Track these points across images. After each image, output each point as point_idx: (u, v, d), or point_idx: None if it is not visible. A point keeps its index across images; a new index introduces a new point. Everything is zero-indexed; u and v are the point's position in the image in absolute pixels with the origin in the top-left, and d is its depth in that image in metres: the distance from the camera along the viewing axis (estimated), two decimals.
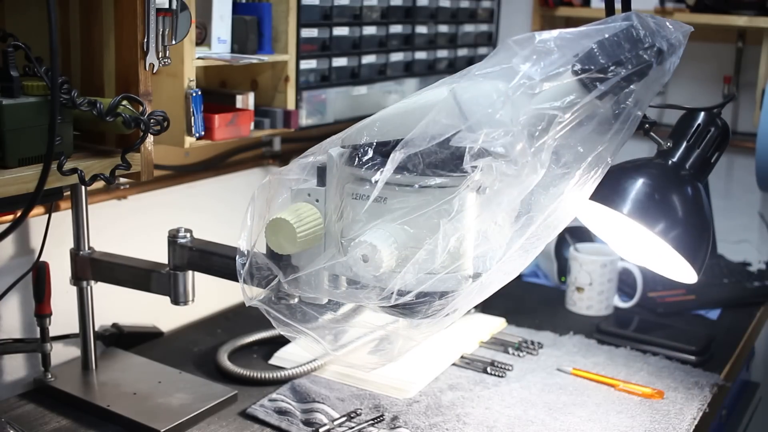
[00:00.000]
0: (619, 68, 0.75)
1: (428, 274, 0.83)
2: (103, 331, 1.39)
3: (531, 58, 0.78)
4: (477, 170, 0.79)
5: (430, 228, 0.82)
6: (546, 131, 0.77)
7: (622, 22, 0.77)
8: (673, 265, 1.02)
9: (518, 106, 0.78)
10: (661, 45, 0.75)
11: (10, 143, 0.88)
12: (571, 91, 0.77)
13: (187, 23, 1.03)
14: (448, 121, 0.78)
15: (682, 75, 1.96)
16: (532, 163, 0.78)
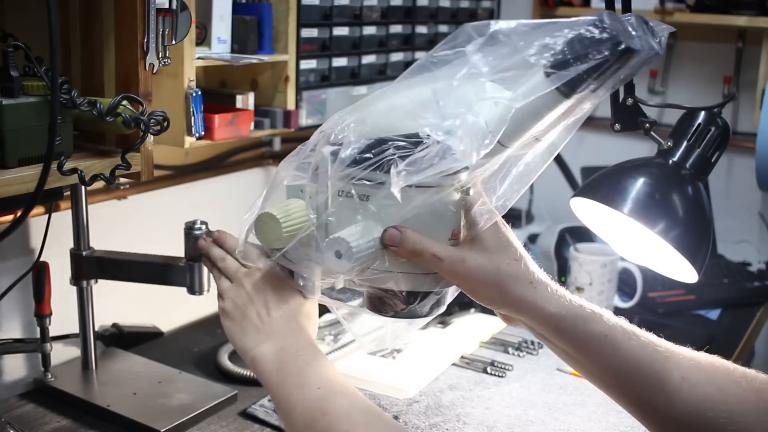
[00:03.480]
0: (581, 63, 0.75)
1: (410, 274, 0.84)
2: (103, 331, 1.39)
3: (484, 48, 0.78)
4: (462, 172, 0.80)
5: (412, 227, 0.83)
6: (503, 123, 0.78)
7: (588, 17, 0.77)
8: (674, 264, 1.02)
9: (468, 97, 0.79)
10: (630, 44, 0.75)
11: (10, 143, 0.88)
12: (532, 84, 0.77)
13: (187, 23, 1.03)
14: (430, 122, 0.79)
15: (682, 75, 1.96)
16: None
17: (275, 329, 0.93)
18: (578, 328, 0.84)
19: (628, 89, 1.04)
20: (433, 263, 0.82)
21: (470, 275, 0.82)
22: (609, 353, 0.85)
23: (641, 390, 0.85)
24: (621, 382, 0.86)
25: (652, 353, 0.85)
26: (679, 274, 1.04)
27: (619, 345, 0.84)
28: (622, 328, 0.86)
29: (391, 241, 0.81)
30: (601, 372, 0.87)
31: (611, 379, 0.87)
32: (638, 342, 0.85)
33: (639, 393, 0.86)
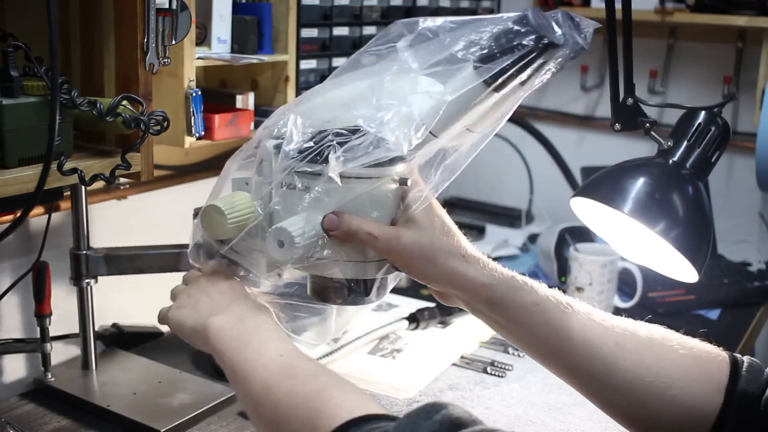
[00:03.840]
0: (506, 57, 0.79)
1: (353, 261, 0.88)
2: (103, 331, 1.39)
3: (414, 44, 0.83)
4: (399, 163, 0.85)
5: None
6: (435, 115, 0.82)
7: (513, 14, 0.81)
8: (674, 264, 1.02)
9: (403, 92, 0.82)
10: (553, 38, 0.78)
11: (10, 143, 0.88)
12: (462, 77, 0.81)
13: (187, 23, 1.03)
14: (364, 114, 0.83)
15: (682, 75, 1.96)
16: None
17: (230, 302, 0.89)
18: (509, 298, 0.86)
19: (628, 89, 1.04)
20: (369, 241, 0.85)
21: (404, 251, 0.85)
22: (540, 322, 0.86)
23: (575, 358, 0.86)
24: (554, 351, 0.87)
25: (584, 321, 0.87)
26: (679, 274, 1.04)
27: (550, 314, 0.86)
28: (554, 298, 0.87)
29: (329, 225, 0.85)
30: (534, 342, 0.88)
31: (545, 348, 0.88)
32: (571, 311, 0.87)
33: (574, 361, 0.87)
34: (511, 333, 0.89)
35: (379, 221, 0.87)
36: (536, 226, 2.10)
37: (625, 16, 1.01)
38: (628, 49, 1.02)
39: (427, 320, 1.49)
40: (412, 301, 1.62)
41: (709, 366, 0.87)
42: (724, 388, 0.85)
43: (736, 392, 0.85)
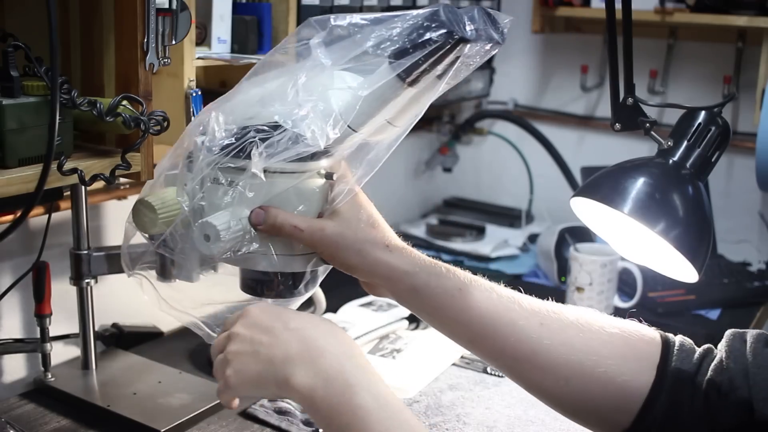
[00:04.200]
0: (418, 52, 0.80)
1: (282, 255, 0.90)
2: (103, 331, 1.39)
3: (327, 41, 0.85)
4: (323, 158, 0.88)
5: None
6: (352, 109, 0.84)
7: (425, 11, 0.82)
8: (674, 264, 1.02)
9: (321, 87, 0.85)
10: (463, 34, 0.80)
11: (10, 143, 0.87)
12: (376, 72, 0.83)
13: (187, 23, 1.03)
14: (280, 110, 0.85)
15: (682, 75, 1.96)
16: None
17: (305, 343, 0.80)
18: (431, 284, 0.87)
19: (628, 89, 1.04)
20: (295, 234, 0.87)
21: (329, 243, 0.88)
22: (463, 307, 0.87)
23: (500, 340, 0.87)
24: (479, 335, 0.88)
25: (508, 303, 0.88)
26: (679, 274, 1.04)
27: (473, 298, 0.87)
28: (477, 282, 0.88)
29: (256, 219, 0.87)
30: (459, 327, 0.89)
31: (469, 332, 0.89)
32: (494, 294, 0.88)
33: (499, 344, 0.87)
34: (436, 319, 0.90)
35: (306, 215, 0.89)
36: (536, 226, 2.10)
37: (625, 16, 1.01)
38: (628, 49, 1.02)
39: None
40: None
41: (639, 345, 0.87)
42: (655, 366, 0.86)
43: (668, 370, 0.86)
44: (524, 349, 0.87)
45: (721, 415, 0.83)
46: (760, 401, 0.80)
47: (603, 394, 0.86)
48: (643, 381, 0.85)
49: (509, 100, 2.19)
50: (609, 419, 0.87)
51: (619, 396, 0.86)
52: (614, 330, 0.88)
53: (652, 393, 0.85)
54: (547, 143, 2.03)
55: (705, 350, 0.89)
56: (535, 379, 0.88)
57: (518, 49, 2.15)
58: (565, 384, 0.86)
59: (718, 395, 0.83)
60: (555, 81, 2.15)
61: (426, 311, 0.90)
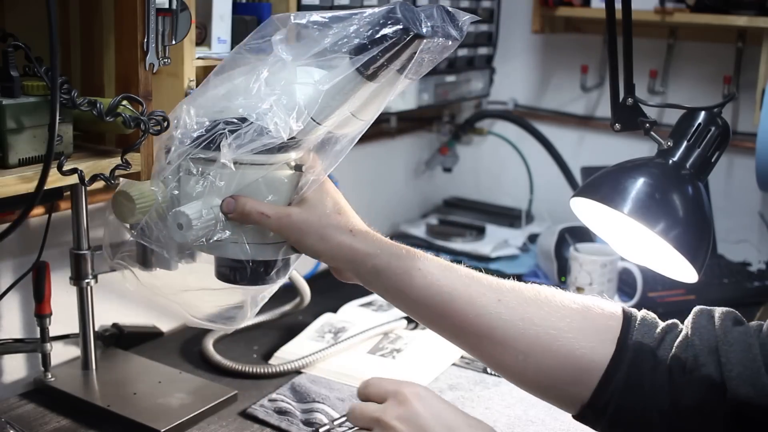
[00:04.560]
0: (376, 47, 0.84)
1: (253, 244, 0.96)
2: (103, 331, 1.39)
3: (288, 38, 0.89)
4: (292, 150, 0.93)
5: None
6: (315, 103, 0.89)
7: (383, 8, 0.86)
8: (674, 264, 1.02)
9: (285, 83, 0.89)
10: (419, 30, 0.84)
11: (10, 143, 0.88)
12: (337, 67, 0.87)
13: (187, 23, 1.03)
14: (243, 103, 0.90)
15: (682, 75, 1.96)
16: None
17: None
18: (393, 264, 0.91)
19: (628, 89, 1.04)
20: (262, 221, 0.92)
21: (295, 228, 0.93)
22: (424, 285, 0.90)
23: (460, 317, 0.89)
24: (440, 312, 0.90)
25: (466, 281, 0.90)
26: (679, 274, 1.04)
27: (433, 276, 0.90)
28: (438, 262, 0.91)
29: (227, 208, 0.93)
30: (420, 306, 0.91)
31: (430, 311, 0.91)
32: (453, 273, 0.91)
33: (459, 320, 0.89)
34: (399, 299, 0.93)
35: (275, 204, 0.95)
36: (536, 226, 2.10)
37: (625, 16, 1.01)
38: (628, 49, 1.02)
39: None
40: None
41: (598, 318, 0.89)
42: (615, 340, 0.87)
43: (628, 343, 0.86)
44: (483, 325, 0.89)
45: (686, 391, 0.83)
46: (732, 379, 0.81)
47: (562, 367, 0.87)
48: (603, 354, 0.86)
49: (509, 100, 2.19)
50: (569, 393, 0.89)
51: (577, 369, 0.87)
52: (574, 305, 0.89)
53: (612, 366, 0.86)
54: (547, 143, 2.03)
55: (668, 325, 0.90)
56: (495, 355, 0.90)
57: (518, 49, 2.15)
58: (524, 358, 0.88)
59: (682, 372, 0.84)
60: (555, 81, 2.15)
61: (389, 292, 0.93)
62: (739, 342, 0.83)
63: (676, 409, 0.83)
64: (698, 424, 0.82)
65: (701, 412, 0.82)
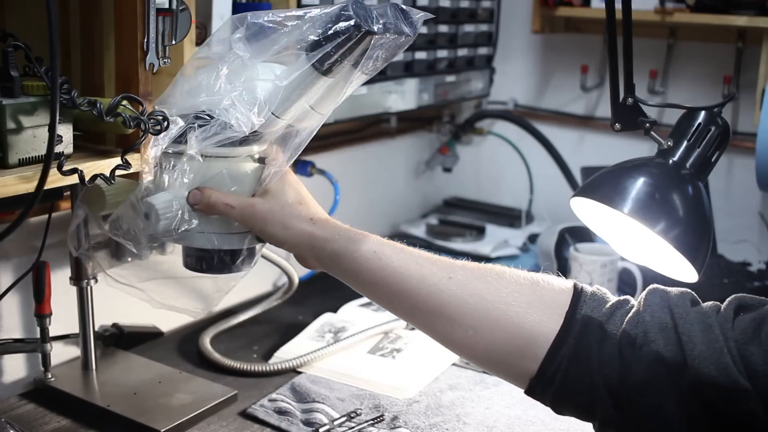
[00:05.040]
0: (329, 44, 0.88)
1: (219, 234, 1.01)
2: (103, 331, 1.39)
3: (246, 36, 0.93)
4: (254, 143, 0.98)
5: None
6: (275, 98, 0.94)
7: (336, 6, 0.89)
8: (674, 264, 1.02)
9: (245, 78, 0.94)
10: (371, 27, 0.87)
11: (10, 143, 0.88)
12: (294, 63, 0.91)
13: (187, 23, 1.03)
14: (206, 100, 0.95)
15: (682, 75, 1.96)
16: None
17: None
18: (349, 249, 0.95)
19: (628, 89, 1.04)
20: (227, 211, 0.97)
21: (259, 218, 0.98)
22: (379, 266, 0.94)
23: (413, 297, 0.93)
24: (395, 293, 0.94)
25: (419, 260, 0.94)
26: (679, 274, 1.04)
27: (387, 258, 0.94)
28: (392, 245, 0.96)
29: (193, 199, 0.98)
30: (377, 287, 0.95)
31: (386, 291, 0.95)
32: (407, 254, 0.95)
33: (412, 300, 0.93)
34: (357, 281, 0.97)
35: (239, 195, 0.99)
36: (536, 226, 2.10)
37: (625, 16, 1.01)
38: (628, 49, 1.02)
39: None
40: None
41: (547, 293, 0.91)
42: (564, 313, 0.88)
43: (576, 317, 0.88)
44: (434, 303, 0.92)
45: (634, 366, 0.84)
46: (694, 358, 0.81)
47: (510, 340, 0.89)
48: (551, 327, 0.88)
49: (509, 100, 2.19)
50: (516, 366, 0.90)
51: (526, 342, 0.89)
52: (523, 280, 0.93)
53: (559, 338, 0.88)
54: (547, 143, 2.03)
55: (619, 300, 0.91)
56: (446, 331, 0.93)
57: (518, 49, 2.15)
58: (473, 333, 0.90)
59: (632, 347, 0.85)
60: (555, 81, 2.15)
61: (348, 275, 0.97)
62: (699, 322, 0.83)
63: (625, 384, 0.84)
64: (646, 399, 0.83)
65: (650, 388, 0.83)
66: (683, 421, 0.82)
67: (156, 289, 1.11)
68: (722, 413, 0.80)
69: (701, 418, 0.81)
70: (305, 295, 1.64)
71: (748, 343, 0.80)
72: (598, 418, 0.87)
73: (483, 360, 0.94)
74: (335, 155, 1.80)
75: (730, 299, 0.86)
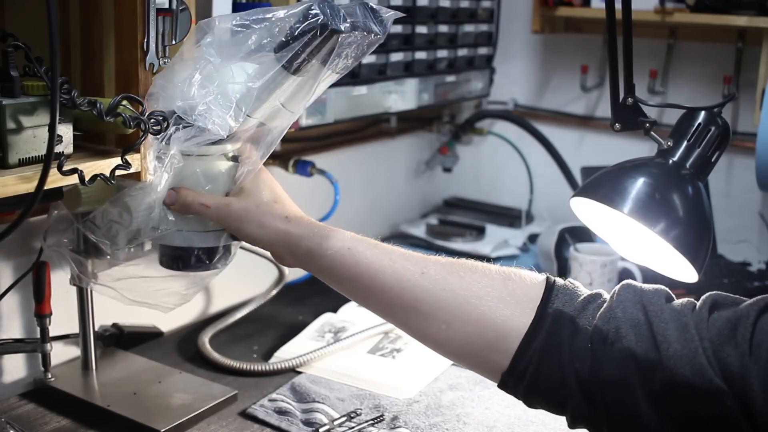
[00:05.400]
0: (296, 43, 0.90)
1: (194, 232, 1.02)
2: (103, 331, 1.39)
3: (216, 40, 0.95)
4: (227, 141, 0.99)
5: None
6: (250, 100, 0.95)
7: (302, 6, 0.90)
8: (674, 264, 1.02)
9: (225, 83, 0.95)
10: (337, 26, 0.88)
11: (10, 143, 0.88)
12: (264, 64, 0.93)
13: (187, 23, 1.03)
14: (186, 105, 0.95)
15: (682, 75, 1.96)
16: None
17: None
18: (324, 246, 0.96)
19: (628, 89, 1.04)
20: (202, 211, 0.99)
21: (234, 217, 0.99)
22: (353, 263, 0.94)
23: (388, 292, 0.93)
24: (369, 288, 0.95)
25: (392, 256, 0.95)
26: (679, 274, 1.04)
27: (361, 254, 0.94)
28: (366, 241, 0.96)
29: (169, 200, 1.00)
30: (352, 283, 0.96)
31: (360, 288, 0.95)
32: (381, 250, 0.95)
33: (387, 295, 0.93)
34: (332, 278, 0.97)
35: (213, 194, 1.01)
36: (536, 226, 2.10)
37: (625, 16, 1.01)
38: (628, 49, 1.02)
39: None
40: None
41: (519, 287, 0.91)
42: (535, 307, 0.89)
43: (547, 311, 0.88)
44: (408, 298, 0.92)
45: (606, 362, 0.84)
46: (669, 358, 0.81)
47: (482, 335, 0.90)
48: (522, 321, 0.88)
49: (509, 100, 2.19)
50: (489, 360, 0.91)
51: (497, 336, 0.89)
52: (495, 274, 0.92)
53: (530, 332, 0.88)
54: (547, 143, 2.03)
55: (591, 295, 0.91)
56: (420, 326, 0.93)
57: (518, 49, 2.16)
58: (447, 327, 0.91)
59: (603, 343, 0.85)
60: (555, 81, 2.15)
61: (323, 272, 0.97)
62: (674, 320, 0.83)
63: (595, 380, 0.84)
64: (617, 395, 0.83)
65: (620, 384, 0.83)
66: (656, 419, 0.81)
67: (128, 287, 1.12)
68: (698, 413, 0.80)
69: (679, 418, 0.81)
70: (305, 295, 1.64)
71: (724, 344, 0.80)
72: (569, 412, 0.87)
73: (456, 354, 0.95)
74: (335, 155, 1.80)
75: (705, 297, 0.86)
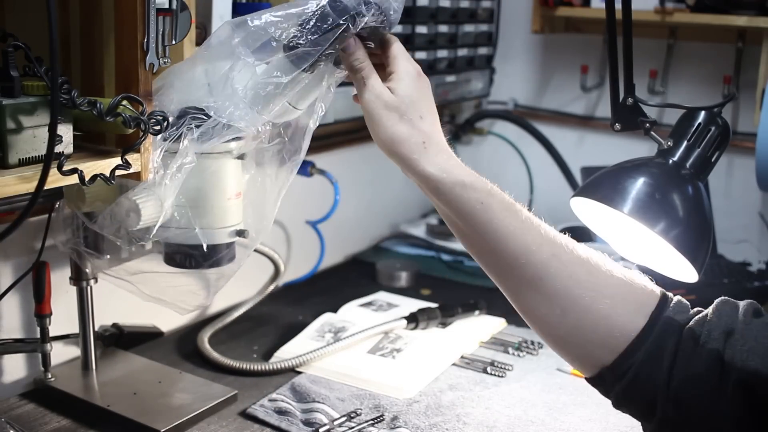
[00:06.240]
0: (317, 46, 0.91)
1: (201, 230, 1.03)
2: (103, 331, 1.39)
3: (246, 39, 0.94)
4: (235, 142, 1.01)
5: (197, 190, 1.04)
6: (270, 100, 0.96)
7: (321, 4, 0.92)
8: (674, 264, 1.02)
9: (245, 80, 0.96)
10: (361, 11, 0.90)
11: (10, 143, 0.88)
12: (283, 66, 0.94)
13: (187, 23, 1.03)
14: (198, 97, 0.97)
15: (682, 75, 1.96)
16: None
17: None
18: (455, 192, 0.90)
19: (628, 89, 1.04)
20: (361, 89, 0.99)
21: (401, 111, 0.97)
22: (483, 220, 0.90)
23: (510, 260, 0.90)
24: (491, 249, 0.91)
25: (526, 227, 0.91)
26: (679, 274, 1.04)
27: (493, 213, 0.90)
28: (500, 201, 0.91)
29: (350, 49, 0.96)
30: (474, 237, 0.92)
31: (482, 245, 0.92)
32: (515, 215, 0.91)
33: (507, 262, 0.91)
34: (456, 227, 0.94)
35: (223, 193, 1.03)
36: None
37: (625, 16, 1.01)
38: (628, 49, 1.02)
39: (427, 321, 1.49)
40: (412, 301, 1.63)
41: (638, 293, 0.91)
42: (649, 313, 0.89)
43: (660, 318, 0.88)
44: (531, 274, 0.90)
45: (694, 360, 0.85)
46: (744, 352, 0.82)
47: (594, 329, 0.89)
48: (635, 324, 0.88)
49: (509, 100, 2.19)
50: (591, 354, 0.90)
51: (608, 333, 0.89)
52: (620, 275, 0.91)
53: (640, 336, 0.88)
54: (547, 143, 2.03)
55: (699, 310, 0.91)
56: (532, 305, 0.91)
57: (518, 49, 2.16)
58: (561, 314, 0.90)
59: (695, 344, 0.86)
60: (555, 81, 2.15)
61: (449, 218, 0.94)
62: (758, 326, 0.85)
63: (684, 377, 0.85)
64: (702, 393, 0.84)
65: (704, 382, 0.84)
66: (733, 422, 0.82)
67: (144, 281, 1.12)
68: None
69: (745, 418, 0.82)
70: (305, 295, 1.65)
71: None
72: (657, 416, 0.87)
73: (560, 341, 0.93)
74: (335, 155, 1.80)
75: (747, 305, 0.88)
